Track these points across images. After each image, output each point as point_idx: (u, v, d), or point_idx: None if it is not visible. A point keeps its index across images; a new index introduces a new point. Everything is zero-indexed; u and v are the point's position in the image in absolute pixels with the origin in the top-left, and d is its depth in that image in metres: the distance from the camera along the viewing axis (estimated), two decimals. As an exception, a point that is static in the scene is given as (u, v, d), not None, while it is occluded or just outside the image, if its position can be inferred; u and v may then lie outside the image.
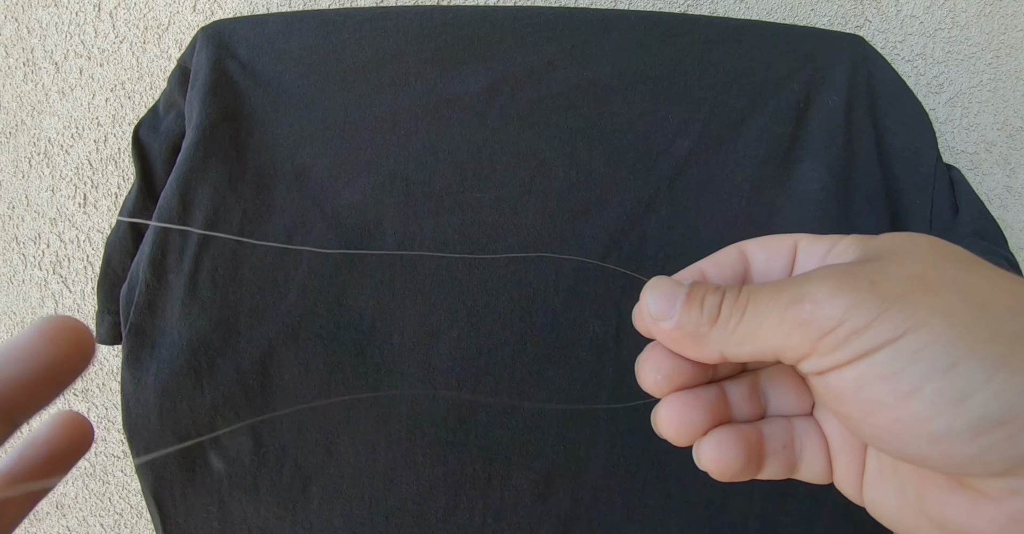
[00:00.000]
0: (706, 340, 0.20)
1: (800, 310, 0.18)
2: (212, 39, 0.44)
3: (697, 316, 0.20)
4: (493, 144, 0.45)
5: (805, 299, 0.18)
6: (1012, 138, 0.61)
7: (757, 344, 0.19)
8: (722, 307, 0.20)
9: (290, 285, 0.43)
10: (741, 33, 0.48)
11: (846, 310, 0.17)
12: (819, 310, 0.17)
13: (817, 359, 0.18)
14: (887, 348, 0.17)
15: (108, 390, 0.56)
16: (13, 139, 0.54)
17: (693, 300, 0.20)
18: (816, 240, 0.22)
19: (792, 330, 0.18)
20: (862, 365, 0.17)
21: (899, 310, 0.17)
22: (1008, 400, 0.16)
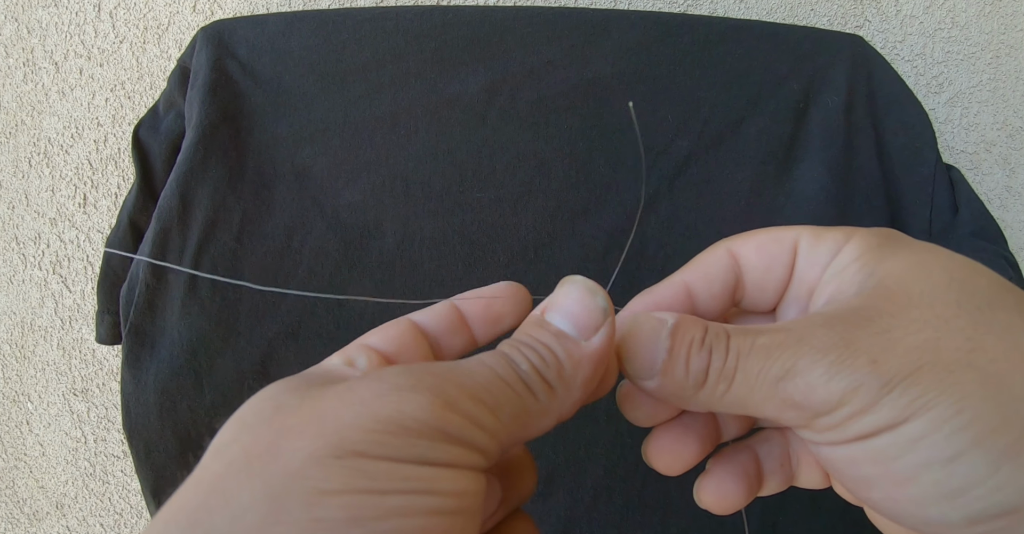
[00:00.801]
0: (692, 401, 0.18)
1: (792, 391, 0.16)
2: (212, 39, 0.44)
3: (682, 380, 0.18)
4: (493, 144, 0.45)
5: (797, 377, 0.16)
6: (1012, 138, 0.61)
7: (747, 410, 0.18)
8: (709, 371, 0.17)
9: (290, 285, 0.43)
10: (741, 33, 0.48)
11: (843, 394, 0.16)
12: (813, 394, 0.16)
13: (811, 434, 0.17)
14: (885, 434, 0.15)
15: (108, 390, 0.56)
16: (13, 139, 0.54)
17: (677, 359, 0.18)
18: (818, 240, 0.19)
19: (784, 409, 0.17)
20: (858, 447, 0.16)
21: (902, 392, 0.15)
22: (1010, 494, 0.14)
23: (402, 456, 0.14)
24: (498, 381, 0.16)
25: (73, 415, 0.56)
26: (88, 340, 0.55)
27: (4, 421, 0.56)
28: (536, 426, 0.17)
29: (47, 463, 0.57)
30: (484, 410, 0.15)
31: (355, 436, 0.13)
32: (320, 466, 0.13)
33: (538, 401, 0.17)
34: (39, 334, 0.55)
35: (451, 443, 0.14)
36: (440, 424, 0.14)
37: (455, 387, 0.15)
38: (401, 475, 0.13)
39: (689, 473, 0.22)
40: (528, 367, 0.17)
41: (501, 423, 0.16)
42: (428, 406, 0.14)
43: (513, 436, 0.16)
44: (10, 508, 0.57)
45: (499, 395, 0.16)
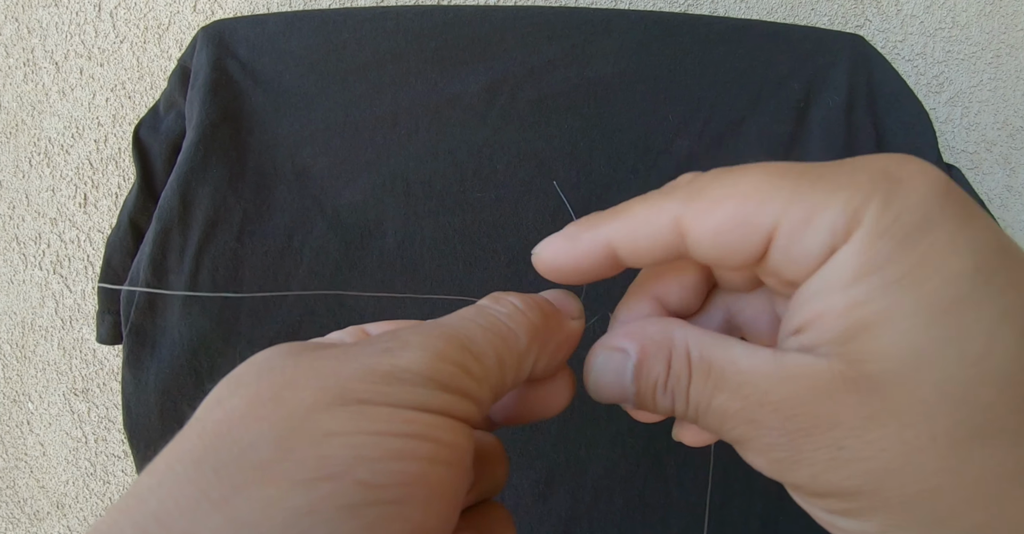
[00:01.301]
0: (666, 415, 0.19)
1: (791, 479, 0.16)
2: (212, 39, 0.44)
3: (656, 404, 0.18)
4: (493, 144, 0.45)
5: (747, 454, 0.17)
6: (1012, 138, 0.61)
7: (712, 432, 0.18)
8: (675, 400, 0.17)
9: (290, 285, 0.43)
10: (741, 33, 0.48)
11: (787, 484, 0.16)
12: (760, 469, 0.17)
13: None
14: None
15: (108, 390, 0.56)
16: (13, 139, 0.54)
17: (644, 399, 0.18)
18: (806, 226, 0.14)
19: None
20: None
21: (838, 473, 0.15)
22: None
23: (403, 402, 0.14)
24: (479, 329, 0.17)
25: (74, 415, 0.56)
26: (89, 340, 0.55)
27: (4, 421, 0.56)
28: (520, 368, 0.18)
29: (48, 463, 0.57)
30: (470, 358, 0.16)
31: (356, 386, 0.14)
32: (325, 411, 0.13)
33: (520, 341, 0.17)
34: (39, 334, 0.55)
35: (445, 391, 0.15)
36: (433, 373, 0.15)
37: (442, 340, 0.16)
38: (403, 419, 0.14)
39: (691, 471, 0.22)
40: (509, 310, 0.18)
41: (486, 368, 0.16)
42: (420, 358, 0.15)
43: (500, 382, 0.17)
44: (11, 508, 0.57)
45: (483, 341, 0.17)
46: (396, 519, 0.12)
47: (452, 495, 0.14)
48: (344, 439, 0.13)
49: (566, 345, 0.19)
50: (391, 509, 0.12)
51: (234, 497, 0.12)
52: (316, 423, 0.13)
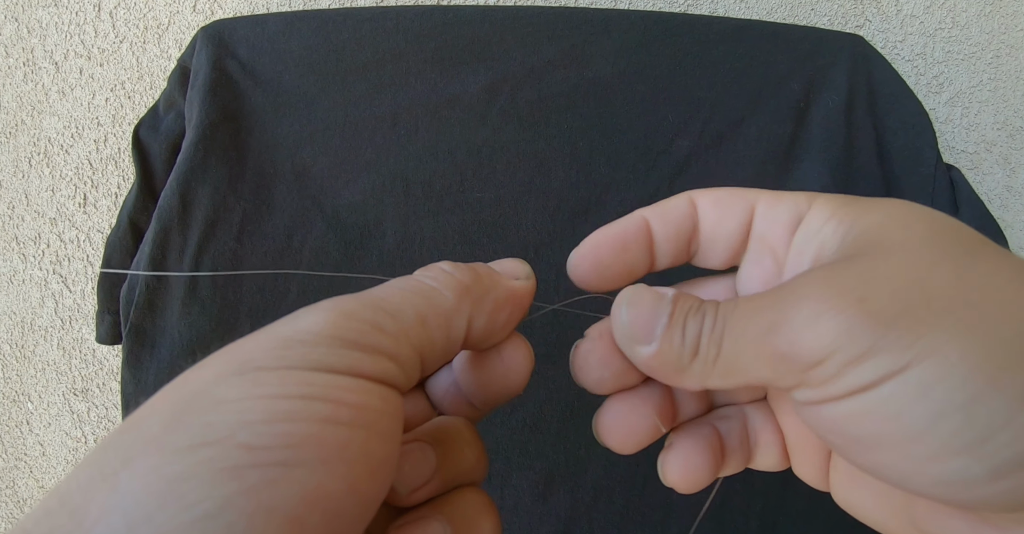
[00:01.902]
0: (688, 372, 0.17)
1: (779, 342, 0.15)
2: (212, 39, 0.44)
3: (679, 347, 0.17)
4: (493, 144, 0.45)
5: (783, 326, 0.15)
6: (1012, 138, 0.61)
7: (740, 377, 0.17)
8: (701, 337, 0.17)
9: (290, 285, 0.43)
10: (741, 33, 0.48)
11: (834, 338, 0.14)
12: (801, 340, 0.15)
13: (807, 391, 0.15)
14: (890, 382, 0.14)
15: (108, 390, 0.56)
16: (13, 139, 0.54)
17: (676, 324, 0.17)
18: (777, 200, 0.19)
19: (775, 363, 0.15)
20: (861, 400, 0.14)
21: (900, 335, 0.14)
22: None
23: (299, 364, 0.14)
24: (399, 290, 0.17)
25: (73, 415, 0.56)
26: (88, 340, 0.55)
27: (4, 421, 0.56)
28: (449, 325, 0.17)
29: (47, 463, 0.57)
30: (384, 315, 0.15)
31: (256, 355, 0.14)
32: (221, 382, 0.13)
33: (445, 298, 0.17)
34: (39, 334, 0.55)
35: (351, 348, 0.14)
36: (335, 332, 0.14)
37: (352, 301, 0.16)
38: (296, 381, 0.13)
39: None
40: (436, 273, 0.18)
41: (404, 324, 0.16)
42: (324, 318, 0.15)
43: (425, 338, 0.16)
44: (10, 508, 0.57)
45: (400, 300, 0.16)
46: (283, 481, 0.12)
47: (362, 458, 0.13)
48: (231, 405, 0.13)
49: (508, 304, 0.19)
50: (276, 471, 0.12)
51: (122, 470, 0.12)
52: (209, 394, 0.13)
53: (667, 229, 0.20)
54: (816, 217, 0.18)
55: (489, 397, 0.20)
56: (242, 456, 0.12)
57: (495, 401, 0.20)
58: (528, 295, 0.20)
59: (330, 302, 0.15)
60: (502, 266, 0.20)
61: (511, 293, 0.19)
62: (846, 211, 0.17)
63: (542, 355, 0.43)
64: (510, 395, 0.20)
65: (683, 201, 0.20)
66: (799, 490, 0.45)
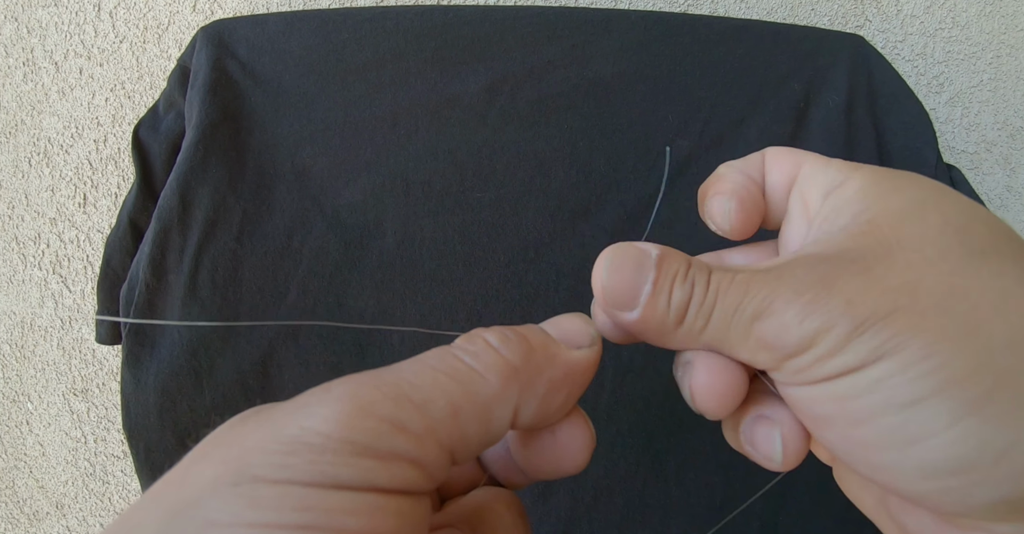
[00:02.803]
0: (668, 338, 0.17)
1: (765, 332, 0.16)
2: (212, 39, 0.44)
3: (663, 314, 0.17)
4: (493, 144, 0.45)
5: (772, 318, 0.15)
6: (1012, 138, 0.61)
7: (724, 350, 0.17)
8: (689, 306, 0.17)
9: (290, 285, 0.43)
10: (741, 33, 0.48)
11: (814, 335, 0.15)
12: (786, 334, 0.15)
13: (780, 375, 0.16)
14: (851, 375, 0.15)
15: (108, 390, 0.56)
16: (13, 139, 0.54)
17: (660, 291, 0.17)
18: (825, 166, 0.19)
19: (757, 349, 0.16)
20: (822, 387, 0.15)
21: (873, 335, 0.14)
22: (968, 449, 0.13)
23: (301, 478, 0.12)
24: (429, 372, 0.14)
25: (73, 415, 0.56)
26: (88, 340, 0.55)
27: (4, 421, 0.56)
28: (489, 417, 0.14)
29: (47, 463, 0.56)
30: (408, 409, 0.13)
31: (255, 459, 0.12)
32: (216, 495, 0.12)
33: (487, 383, 0.14)
34: (39, 334, 0.55)
35: (365, 456, 0.12)
36: (348, 434, 0.12)
37: (373, 389, 0.13)
38: (295, 504, 0.11)
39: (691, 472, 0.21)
40: (479, 348, 0.15)
41: (432, 419, 0.13)
42: (334, 415, 0.12)
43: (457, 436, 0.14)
44: (10, 508, 0.57)
45: (431, 386, 0.14)
46: None
47: None
48: (222, 531, 0.11)
49: (566, 382, 0.16)
50: None
51: None
52: (204, 511, 0.12)
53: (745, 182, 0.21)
54: (847, 188, 0.18)
55: (546, 476, 0.18)
56: None
57: (550, 478, 0.18)
58: (591, 368, 0.17)
59: (346, 387, 0.13)
60: (560, 328, 0.17)
61: (570, 370, 0.16)
62: (870, 190, 0.17)
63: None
64: (567, 475, 0.18)
65: (758, 155, 0.21)
66: (800, 490, 0.45)
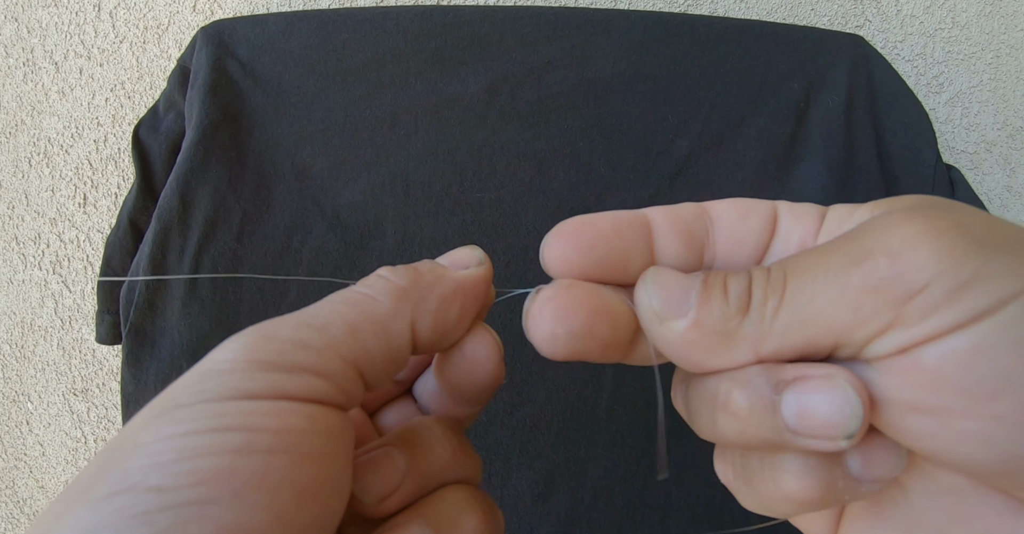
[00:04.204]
0: (736, 338, 0.14)
1: (872, 269, 0.13)
2: (212, 39, 0.44)
3: (722, 307, 0.14)
4: (493, 144, 0.45)
5: (876, 253, 0.13)
6: (1012, 138, 0.61)
7: (809, 329, 0.13)
8: (752, 289, 0.14)
9: (289, 285, 0.43)
10: (741, 33, 0.48)
11: (938, 259, 0.12)
12: (901, 264, 0.12)
13: (901, 332, 0.12)
14: (1006, 309, 0.12)
15: (108, 390, 0.56)
16: (13, 139, 0.54)
17: (713, 288, 0.15)
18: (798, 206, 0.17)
19: (863, 298, 0.13)
20: (971, 334, 0.12)
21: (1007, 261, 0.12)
22: None
23: (214, 396, 0.13)
24: (328, 303, 0.16)
25: (73, 415, 0.56)
26: (88, 340, 0.55)
27: (4, 421, 0.56)
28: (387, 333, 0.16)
29: (47, 463, 0.56)
30: (308, 331, 0.15)
31: (177, 393, 0.13)
32: (144, 427, 0.13)
33: (379, 303, 0.16)
34: (39, 334, 0.55)
35: (268, 370, 0.14)
36: (254, 355, 0.14)
37: (275, 322, 0.15)
38: (209, 414, 0.13)
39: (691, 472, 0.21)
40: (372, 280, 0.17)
41: (331, 337, 0.15)
42: (241, 344, 0.14)
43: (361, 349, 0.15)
44: (10, 508, 0.57)
45: (328, 313, 0.15)
46: (195, 520, 0.12)
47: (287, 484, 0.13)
48: (146, 448, 0.13)
49: (456, 297, 0.17)
50: (188, 511, 0.12)
51: (55, 525, 0.12)
52: (130, 440, 0.13)
53: (674, 225, 0.17)
54: (841, 210, 0.16)
55: (468, 394, 0.19)
56: (152, 500, 0.12)
57: (478, 397, 0.19)
58: (481, 283, 0.18)
59: (252, 327, 0.15)
60: (450, 257, 0.19)
61: (458, 285, 0.18)
62: (871, 204, 0.16)
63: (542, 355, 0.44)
64: (488, 388, 0.19)
65: (691, 205, 0.18)
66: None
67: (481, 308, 0.19)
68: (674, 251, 0.17)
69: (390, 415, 0.20)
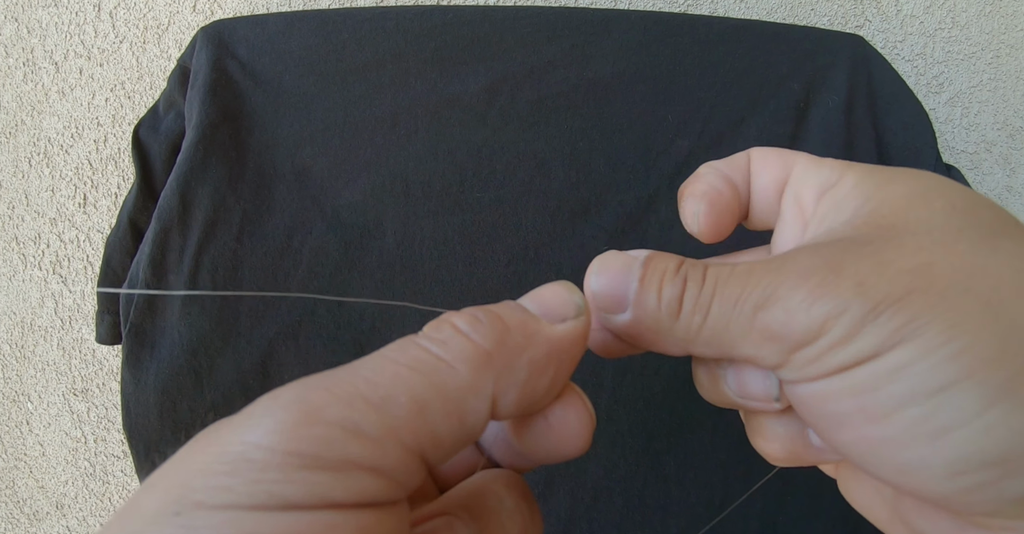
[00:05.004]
0: (669, 337, 0.16)
1: (770, 320, 0.14)
2: (212, 39, 0.44)
3: (655, 309, 0.16)
4: (493, 144, 0.45)
5: (777, 305, 0.14)
6: (1012, 138, 0.61)
7: (724, 349, 0.16)
8: (683, 301, 0.15)
9: (290, 285, 0.43)
10: (741, 33, 0.48)
11: (824, 321, 0.14)
12: (793, 321, 0.14)
13: (787, 372, 0.15)
14: (866, 364, 0.14)
15: (108, 390, 0.56)
16: (13, 139, 0.54)
17: (649, 288, 0.16)
18: (816, 165, 0.18)
19: (761, 342, 0.15)
20: (835, 380, 0.14)
21: (889, 318, 0.13)
22: (1001, 438, 0.12)
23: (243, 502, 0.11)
24: (390, 365, 0.12)
25: (73, 415, 0.56)
26: (88, 340, 0.55)
27: (4, 421, 0.56)
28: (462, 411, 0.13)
29: (47, 463, 0.56)
30: (364, 409, 0.12)
31: (197, 483, 0.11)
32: (157, 527, 0.11)
33: (456, 372, 0.13)
34: (39, 334, 0.55)
35: (313, 469, 0.11)
36: (294, 446, 0.11)
37: (323, 391, 0.12)
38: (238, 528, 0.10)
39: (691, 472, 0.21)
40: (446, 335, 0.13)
41: (393, 418, 0.12)
42: (278, 426, 0.11)
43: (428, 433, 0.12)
44: (10, 508, 0.57)
45: (390, 381, 0.12)
46: None
47: None
48: None
49: (551, 361, 0.14)
50: None
51: None
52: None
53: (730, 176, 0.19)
54: (843, 185, 0.17)
55: (544, 459, 0.16)
56: None
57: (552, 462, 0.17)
58: (579, 341, 0.15)
59: (293, 391, 0.12)
60: (541, 300, 0.15)
61: (553, 347, 0.14)
62: (868, 182, 0.17)
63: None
64: (569, 458, 0.16)
65: (743, 155, 0.20)
66: (799, 490, 0.45)
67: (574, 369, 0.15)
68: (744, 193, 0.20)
69: None
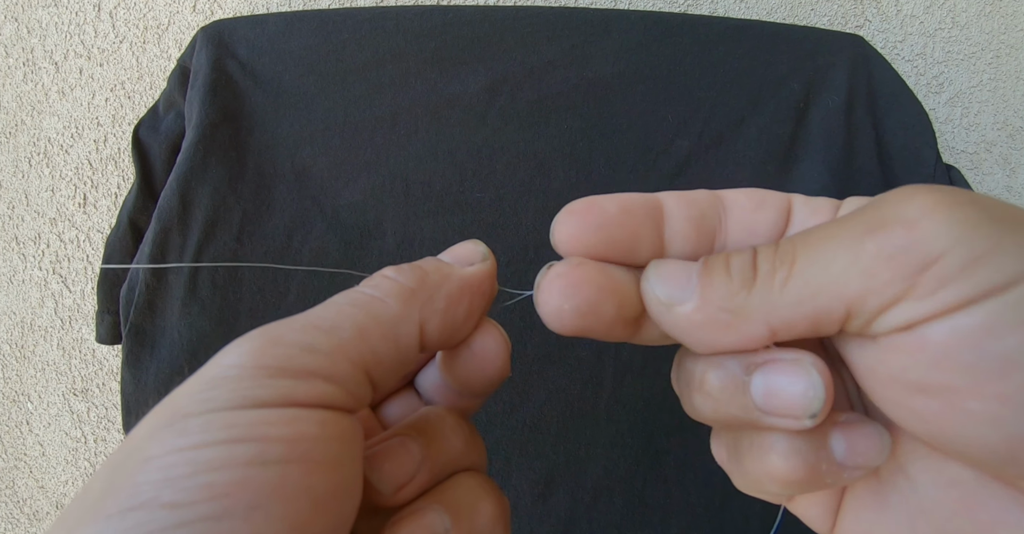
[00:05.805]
0: (746, 313, 0.14)
1: (888, 237, 0.12)
2: (212, 39, 0.44)
3: (725, 284, 0.14)
4: (493, 144, 0.45)
5: (893, 222, 0.13)
6: (1012, 138, 0.61)
7: (821, 299, 0.13)
8: (758, 263, 0.14)
9: (290, 285, 0.43)
10: (741, 33, 0.48)
11: (957, 231, 0.12)
12: (917, 232, 0.12)
13: (913, 304, 0.12)
14: (1020, 286, 0.11)
15: (108, 390, 0.56)
16: (13, 139, 0.54)
17: (715, 266, 0.15)
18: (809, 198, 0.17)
19: (878, 266, 0.12)
20: (984, 309, 0.12)
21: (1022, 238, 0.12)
22: None
23: (223, 404, 0.13)
24: (336, 305, 0.16)
25: (73, 415, 0.56)
26: (88, 340, 0.55)
27: (4, 421, 0.56)
28: (396, 334, 0.16)
29: (47, 463, 0.56)
30: (316, 334, 0.14)
31: (183, 401, 0.13)
32: (151, 438, 0.13)
33: (387, 305, 0.16)
34: (39, 334, 0.55)
35: (277, 375, 0.13)
36: (261, 360, 0.14)
37: (282, 324, 0.15)
38: (219, 424, 0.13)
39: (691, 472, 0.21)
40: (378, 281, 0.17)
41: (340, 340, 0.15)
42: (247, 349, 0.14)
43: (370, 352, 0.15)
44: (10, 508, 0.57)
45: (336, 315, 0.15)
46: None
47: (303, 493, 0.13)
48: (157, 462, 0.12)
49: (464, 294, 0.17)
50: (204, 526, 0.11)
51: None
52: (139, 452, 0.13)
53: (687, 210, 0.17)
54: (855, 203, 0.16)
55: (474, 389, 0.19)
56: (168, 517, 0.11)
57: (483, 391, 0.19)
58: (486, 279, 0.18)
59: (258, 330, 0.14)
60: (454, 253, 0.19)
61: (464, 283, 0.18)
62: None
63: (542, 355, 0.44)
64: (495, 383, 0.19)
65: (705, 192, 0.18)
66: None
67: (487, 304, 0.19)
68: (684, 236, 0.17)
69: (394, 408, 0.20)
